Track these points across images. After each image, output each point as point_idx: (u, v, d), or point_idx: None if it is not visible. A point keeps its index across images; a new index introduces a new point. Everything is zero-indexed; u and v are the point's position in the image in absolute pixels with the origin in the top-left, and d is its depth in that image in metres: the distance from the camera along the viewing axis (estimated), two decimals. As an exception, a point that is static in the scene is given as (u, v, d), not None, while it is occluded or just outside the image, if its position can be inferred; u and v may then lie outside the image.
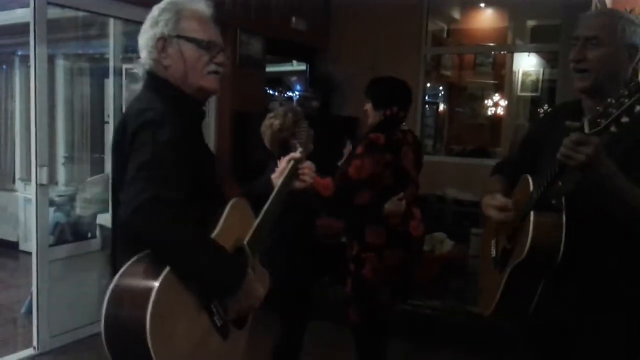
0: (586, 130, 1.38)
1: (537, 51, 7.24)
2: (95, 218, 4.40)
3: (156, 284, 1.25)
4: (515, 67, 7.61)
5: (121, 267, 1.33)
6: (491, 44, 7.56)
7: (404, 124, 2.83)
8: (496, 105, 8.06)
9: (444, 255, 4.39)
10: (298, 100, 5.80)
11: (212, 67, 1.53)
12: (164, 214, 1.28)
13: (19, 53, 5.96)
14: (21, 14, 4.39)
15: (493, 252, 1.91)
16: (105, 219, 4.18)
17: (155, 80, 1.53)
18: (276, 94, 6.02)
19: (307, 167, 1.81)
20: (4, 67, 6.27)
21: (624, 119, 1.32)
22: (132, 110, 1.50)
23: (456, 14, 7.45)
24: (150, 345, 1.21)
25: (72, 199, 4.91)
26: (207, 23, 1.54)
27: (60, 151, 5.70)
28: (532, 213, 1.61)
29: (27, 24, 3.45)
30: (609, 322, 1.66)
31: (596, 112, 1.36)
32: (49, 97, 3.61)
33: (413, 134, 2.91)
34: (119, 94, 4.19)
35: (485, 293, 1.94)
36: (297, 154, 1.79)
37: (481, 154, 6.69)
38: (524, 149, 1.99)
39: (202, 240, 1.37)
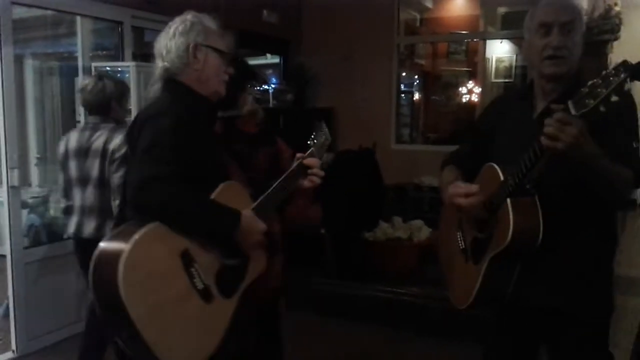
0: (572, 111, 1.36)
1: (509, 38, 7.31)
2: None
3: (128, 245, 1.44)
4: (488, 54, 7.67)
5: None
6: (464, 32, 7.61)
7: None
8: (470, 92, 8.13)
9: (422, 242, 4.43)
10: (273, 93, 5.78)
11: (225, 77, 1.82)
12: (161, 188, 1.51)
13: (-14, 54, 5.83)
14: (-15, 14, 4.31)
15: (461, 245, 1.90)
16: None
17: (174, 84, 1.75)
18: (250, 87, 5.97)
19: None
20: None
21: (614, 98, 1.32)
22: (144, 114, 1.72)
23: (428, 3, 7.49)
24: (122, 293, 1.39)
25: (46, 200, 4.84)
26: (225, 39, 1.84)
27: (33, 152, 5.61)
28: (508, 200, 1.60)
29: (-9, 24, 3.39)
30: (589, 299, 1.68)
31: (581, 93, 1.35)
32: (17, 98, 3.56)
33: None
34: (90, 93, 4.13)
35: (457, 287, 1.93)
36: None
37: (457, 141, 6.73)
38: (476, 138, 1.97)
39: (198, 200, 1.59)
